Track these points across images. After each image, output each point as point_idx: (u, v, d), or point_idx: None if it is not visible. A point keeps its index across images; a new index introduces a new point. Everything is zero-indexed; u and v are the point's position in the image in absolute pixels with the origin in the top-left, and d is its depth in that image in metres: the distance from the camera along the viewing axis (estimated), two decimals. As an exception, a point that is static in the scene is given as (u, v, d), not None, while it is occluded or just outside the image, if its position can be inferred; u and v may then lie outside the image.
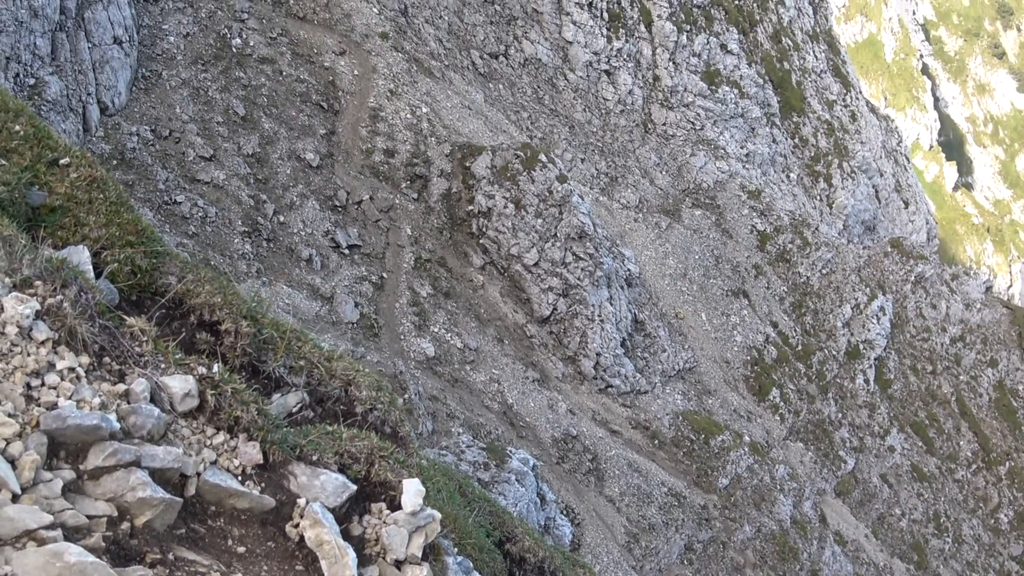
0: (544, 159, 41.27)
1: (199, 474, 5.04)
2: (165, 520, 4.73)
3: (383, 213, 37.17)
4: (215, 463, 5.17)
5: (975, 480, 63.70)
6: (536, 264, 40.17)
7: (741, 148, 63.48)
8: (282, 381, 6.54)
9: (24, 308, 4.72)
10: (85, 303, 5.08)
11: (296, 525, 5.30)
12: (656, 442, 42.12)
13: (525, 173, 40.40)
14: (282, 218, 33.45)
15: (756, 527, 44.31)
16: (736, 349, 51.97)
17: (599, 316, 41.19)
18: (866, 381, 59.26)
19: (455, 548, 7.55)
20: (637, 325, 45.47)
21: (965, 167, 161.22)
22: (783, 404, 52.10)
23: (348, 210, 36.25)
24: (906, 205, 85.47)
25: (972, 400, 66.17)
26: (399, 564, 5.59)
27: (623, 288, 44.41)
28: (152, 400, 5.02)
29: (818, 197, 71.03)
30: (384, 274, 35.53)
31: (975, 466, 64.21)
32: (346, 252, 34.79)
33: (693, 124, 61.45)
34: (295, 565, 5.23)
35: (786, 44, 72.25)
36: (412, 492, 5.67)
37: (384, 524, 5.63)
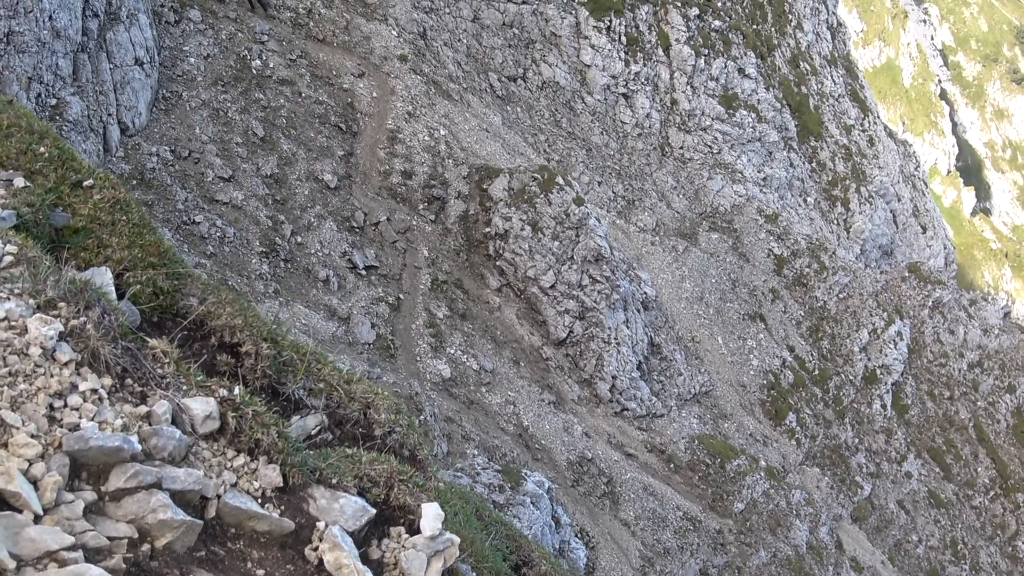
0: (561, 182, 41.31)
1: (219, 496, 5.05)
2: (185, 542, 4.73)
3: (400, 234, 37.24)
4: (235, 485, 5.18)
5: (993, 507, 63.23)
6: (552, 286, 40.15)
7: (758, 172, 63.40)
8: (301, 403, 6.56)
9: (48, 329, 4.75)
10: (108, 325, 5.11)
11: (315, 548, 5.30)
12: (672, 466, 41.96)
13: (542, 196, 40.43)
14: (300, 239, 33.53)
15: (772, 552, 44.03)
16: (752, 373, 51.77)
17: (615, 339, 41.12)
18: (883, 406, 58.92)
19: (473, 572, 7.54)
20: (653, 348, 45.36)
21: (983, 192, 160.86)
22: (799, 429, 51.84)
23: (365, 231, 36.32)
24: (924, 230, 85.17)
25: (990, 426, 65.76)
26: (418, 588, 5.58)
27: (639, 311, 44.34)
28: (173, 422, 5.03)
29: (835, 221, 70.84)
30: (401, 295, 35.56)
31: (993, 493, 63.75)
32: (363, 273, 34.84)
33: (710, 148, 61.43)
34: (314, 588, 5.23)
35: (804, 68, 72.24)
36: (431, 516, 5.66)
37: (403, 548, 5.62)
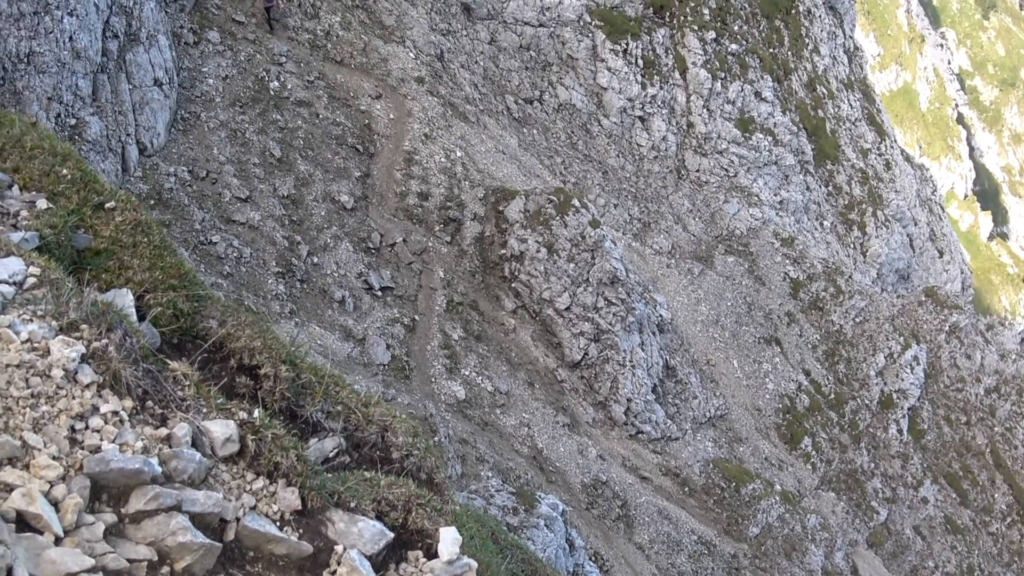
0: (577, 204, 41.33)
1: (238, 519, 5.05)
2: (204, 565, 4.74)
3: (416, 256, 37.29)
4: (254, 508, 5.19)
5: (1010, 533, 62.71)
6: (568, 309, 40.12)
7: (775, 195, 63.33)
8: (319, 426, 6.57)
9: (70, 351, 4.77)
10: (129, 347, 5.13)
11: (333, 572, 5.29)
12: (686, 489, 41.80)
13: (558, 218, 40.46)
14: (316, 259, 33.61)
15: (787, 578, 43.82)
16: (768, 397, 51.58)
17: (630, 362, 41.04)
18: (899, 431, 58.61)
19: (489, 597, 7.52)
20: (668, 371, 45.25)
21: (1000, 217, 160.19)
22: (815, 453, 51.60)
23: (381, 252, 36.39)
24: (940, 254, 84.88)
25: (1007, 452, 65.28)
26: (435, 613, 5.57)
27: (655, 334, 44.26)
28: (194, 444, 5.05)
29: (852, 245, 70.68)
30: (416, 316, 35.59)
31: (1010, 519, 63.25)
32: (379, 294, 34.89)
33: (727, 171, 61.43)
34: (331, 612, 5.23)
35: (821, 92, 72.21)
36: (449, 541, 5.66)
37: (421, 573, 5.62)
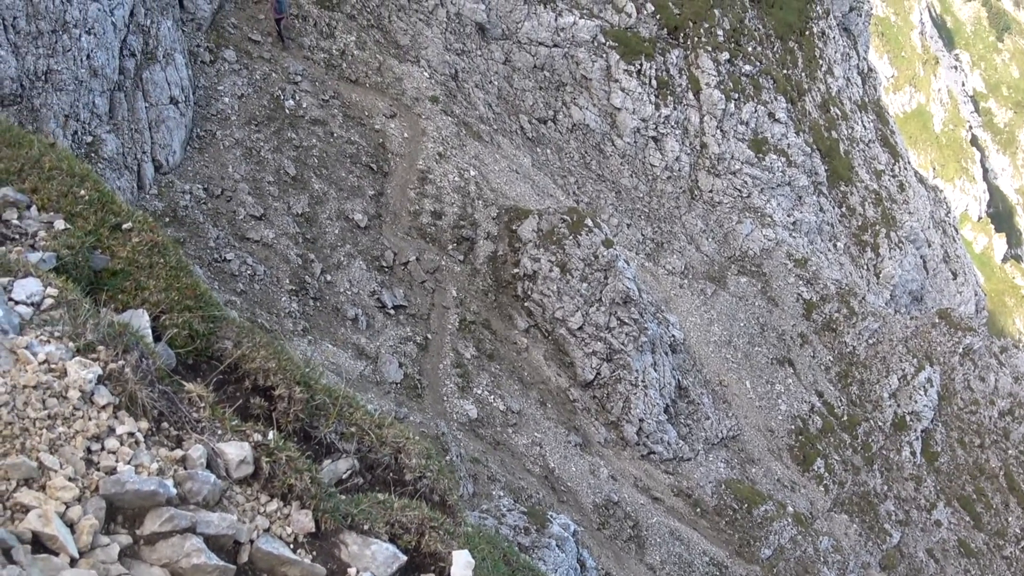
0: (590, 224, 41.36)
1: (252, 541, 5.06)
2: (218, 587, 4.75)
3: (429, 274, 37.34)
4: (268, 530, 5.19)
5: (1023, 557, 62.36)
6: (580, 328, 40.09)
7: (788, 216, 63.26)
8: (333, 447, 6.58)
9: (87, 373, 4.80)
10: (145, 368, 5.16)
11: (346, 595, 5.30)
12: (698, 510, 41.65)
13: (571, 237, 40.49)
14: (329, 277, 33.68)
15: (799, 600, 43.59)
16: (780, 418, 51.42)
17: (643, 382, 40.96)
18: (912, 453, 58.33)
19: (501, 620, 7.52)
20: (681, 391, 45.15)
21: (1015, 239, 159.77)
22: (827, 475, 51.38)
23: (394, 271, 36.45)
24: (954, 276, 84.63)
25: (1021, 475, 64.89)
26: (447, 637, 5.57)
27: (667, 354, 44.18)
28: (208, 466, 5.06)
29: (865, 266, 70.52)
30: (429, 335, 35.60)
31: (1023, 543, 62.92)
32: (391, 312, 34.92)
33: (740, 191, 61.41)
34: (344, 635, 5.23)
35: (834, 113, 72.20)
36: (461, 564, 5.66)
37: (433, 596, 5.63)
